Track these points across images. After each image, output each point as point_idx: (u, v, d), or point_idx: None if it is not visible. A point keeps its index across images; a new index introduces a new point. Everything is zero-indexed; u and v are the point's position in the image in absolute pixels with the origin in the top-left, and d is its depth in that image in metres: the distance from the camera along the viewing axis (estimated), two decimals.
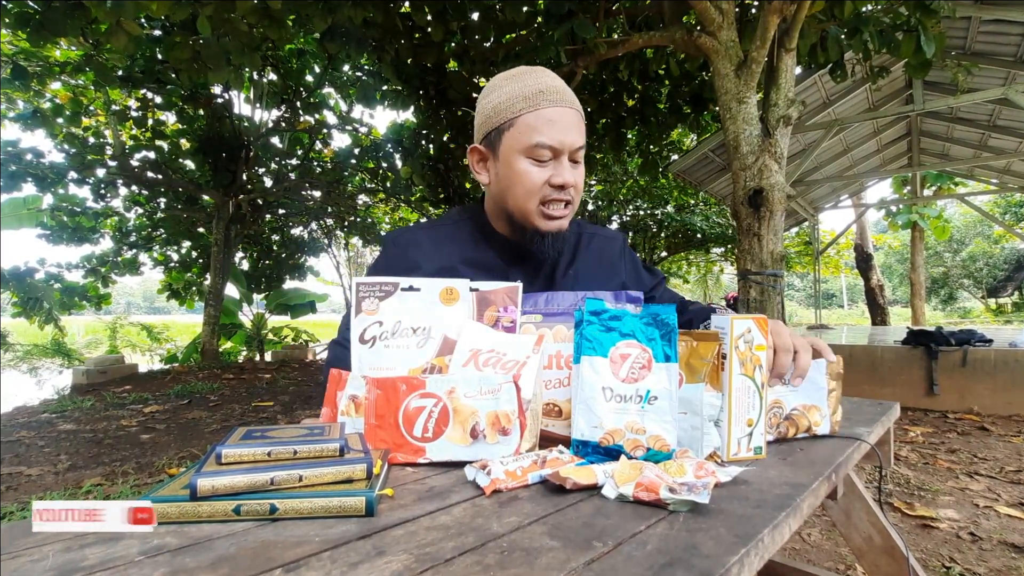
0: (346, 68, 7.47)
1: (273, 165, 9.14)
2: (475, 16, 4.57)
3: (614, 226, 11.02)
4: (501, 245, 1.01)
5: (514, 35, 4.76)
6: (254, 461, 0.56)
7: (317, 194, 9.45)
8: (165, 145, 8.24)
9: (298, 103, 8.11)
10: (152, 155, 8.01)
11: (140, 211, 9.25)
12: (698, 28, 3.48)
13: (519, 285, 0.87)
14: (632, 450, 0.68)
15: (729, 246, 11.42)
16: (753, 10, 4.13)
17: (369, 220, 10.61)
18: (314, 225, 10.73)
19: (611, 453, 0.69)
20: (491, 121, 0.91)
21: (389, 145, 8.50)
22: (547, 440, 0.80)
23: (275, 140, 8.68)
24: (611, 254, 1.11)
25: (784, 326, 0.79)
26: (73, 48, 5.99)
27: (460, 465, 0.69)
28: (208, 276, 8.72)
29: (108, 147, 7.65)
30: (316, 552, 0.45)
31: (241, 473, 0.54)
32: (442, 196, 6.78)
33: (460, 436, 0.69)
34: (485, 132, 0.93)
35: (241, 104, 8.22)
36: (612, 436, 0.70)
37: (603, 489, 0.59)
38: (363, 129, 8.83)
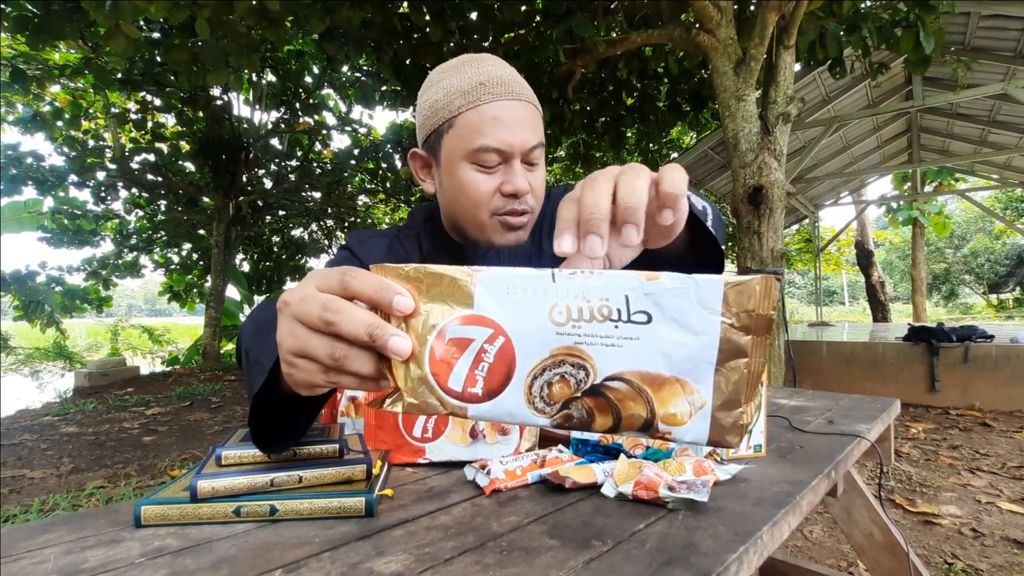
0: (345, 69, 7.47)
1: (273, 166, 9.15)
2: (473, 16, 4.56)
3: None
4: (455, 254, 0.87)
5: (513, 34, 4.75)
6: (254, 462, 0.56)
7: (317, 195, 9.47)
8: (165, 147, 8.26)
9: (297, 104, 8.11)
10: (152, 157, 8.04)
11: (140, 213, 9.27)
12: (697, 26, 3.47)
13: None
14: (631, 448, 0.68)
15: (729, 244, 11.40)
16: (752, 7, 4.12)
17: (369, 221, 10.62)
18: (314, 226, 10.75)
19: (611, 451, 0.69)
20: (429, 122, 0.79)
21: (389, 145, 8.51)
22: (547, 439, 0.80)
23: (275, 141, 8.69)
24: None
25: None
26: (72, 51, 6.00)
27: (460, 465, 0.69)
28: (209, 278, 8.74)
29: (108, 150, 7.67)
30: (316, 553, 0.46)
31: (241, 474, 0.54)
32: None
33: (459, 436, 0.70)
34: (425, 135, 0.81)
35: (240, 106, 8.23)
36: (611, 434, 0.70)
37: (602, 488, 0.59)
38: (362, 130, 8.84)
